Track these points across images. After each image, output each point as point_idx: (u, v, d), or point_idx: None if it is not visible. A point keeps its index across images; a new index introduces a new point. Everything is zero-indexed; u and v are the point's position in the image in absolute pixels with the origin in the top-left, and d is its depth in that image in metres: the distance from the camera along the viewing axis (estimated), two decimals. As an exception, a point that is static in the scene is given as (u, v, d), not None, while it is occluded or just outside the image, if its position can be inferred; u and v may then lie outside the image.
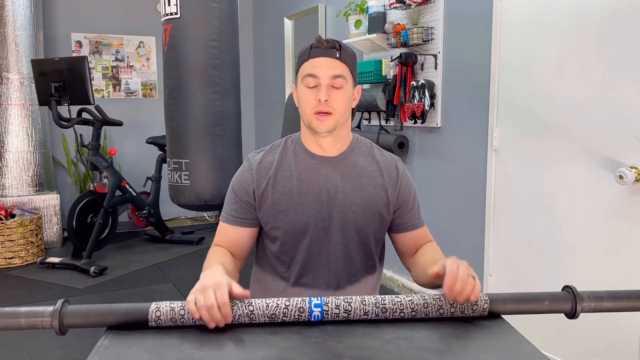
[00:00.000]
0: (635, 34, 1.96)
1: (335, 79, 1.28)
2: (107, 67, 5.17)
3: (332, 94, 1.28)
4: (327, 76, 1.27)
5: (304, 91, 1.30)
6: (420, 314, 1.06)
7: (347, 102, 1.32)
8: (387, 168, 1.40)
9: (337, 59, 1.29)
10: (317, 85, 1.28)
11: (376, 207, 1.37)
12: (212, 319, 0.99)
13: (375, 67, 3.34)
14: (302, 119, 1.35)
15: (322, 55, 1.29)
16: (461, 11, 2.85)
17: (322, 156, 1.37)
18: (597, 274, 2.15)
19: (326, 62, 1.28)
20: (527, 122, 2.44)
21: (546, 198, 2.36)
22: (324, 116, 1.29)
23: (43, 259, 4.00)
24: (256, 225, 1.39)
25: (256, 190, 1.36)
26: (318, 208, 1.34)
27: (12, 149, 4.34)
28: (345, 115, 1.33)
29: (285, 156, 1.39)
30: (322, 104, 1.27)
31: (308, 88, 1.29)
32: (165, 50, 2.82)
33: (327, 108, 1.28)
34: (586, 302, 1.05)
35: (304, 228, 1.35)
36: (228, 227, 1.39)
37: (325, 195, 1.34)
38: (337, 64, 1.29)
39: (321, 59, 1.28)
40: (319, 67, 1.28)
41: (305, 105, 1.30)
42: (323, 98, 1.27)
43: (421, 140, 3.22)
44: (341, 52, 1.30)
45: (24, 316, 0.99)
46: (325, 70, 1.28)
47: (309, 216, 1.34)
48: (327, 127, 1.30)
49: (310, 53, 1.30)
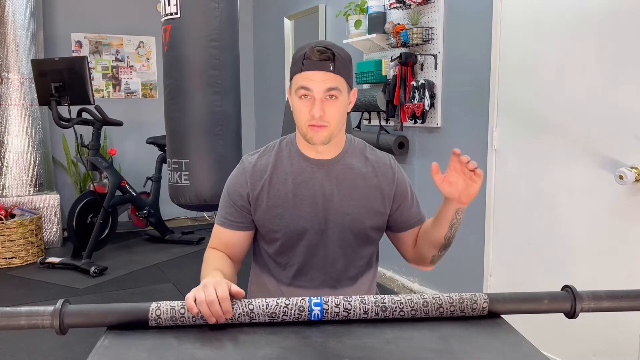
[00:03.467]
0: (635, 34, 1.96)
1: (330, 91, 1.24)
2: (107, 67, 5.17)
3: (326, 107, 1.25)
4: (320, 90, 1.24)
5: (297, 102, 1.27)
6: (420, 313, 1.06)
7: (342, 113, 1.29)
8: (381, 168, 1.40)
9: (330, 72, 1.24)
10: (311, 97, 1.25)
11: (372, 208, 1.37)
12: (213, 313, 1.00)
13: (375, 67, 3.34)
14: (297, 127, 1.33)
15: (315, 68, 1.23)
16: (461, 11, 2.85)
17: (316, 159, 1.36)
18: (596, 273, 2.15)
19: (319, 75, 1.23)
20: (527, 122, 2.44)
21: (546, 198, 2.36)
22: (319, 128, 1.26)
23: (43, 259, 4.00)
24: (252, 228, 1.39)
25: (251, 194, 1.36)
26: (314, 212, 1.34)
27: (12, 149, 4.34)
28: (340, 125, 1.30)
29: (280, 159, 1.38)
30: (316, 119, 1.25)
31: (301, 100, 1.26)
32: (165, 50, 2.82)
33: (321, 122, 1.25)
34: (586, 302, 1.05)
35: (301, 231, 1.35)
36: (223, 230, 1.39)
37: (320, 198, 1.34)
38: (330, 76, 1.24)
39: (315, 72, 1.23)
40: (312, 81, 1.24)
41: (300, 115, 1.28)
42: (317, 114, 1.24)
43: (421, 140, 3.22)
44: (335, 63, 1.24)
45: (24, 316, 0.99)
46: (318, 84, 1.23)
47: (305, 220, 1.34)
48: (322, 138, 1.28)
49: (303, 65, 1.25)
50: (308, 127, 1.27)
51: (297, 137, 1.39)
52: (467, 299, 1.07)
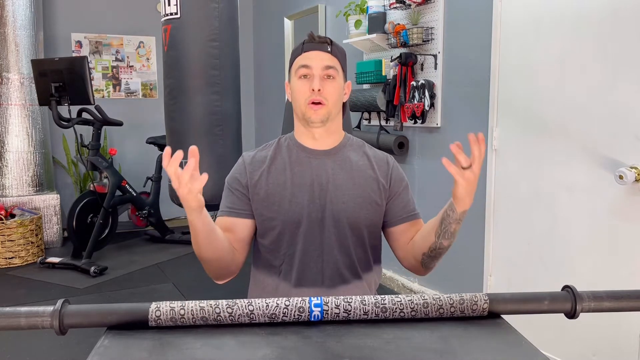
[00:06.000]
0: (635, 34, 1.96)
1: (328, 69, 1.35)
2: (107, 67, 5.17)
3: (324, 84, 1.35)
4: (319, 66, 1.35)
5: (297, 83, 1.37)
6: (420, 313, 1.06)
7: (339, 93, 1.39)
8: (378, 162, 1.45)
9: (328, 52, 1.37)
10: (310, 75, 1.35)
11: (368, 198, 1.39)
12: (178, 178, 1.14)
13: (375, 67, 3.34)
14: (295, 112, 1.40)
15: (315, 49, 1.37)
16: (461, 11, 2.85)
17: (315, 149, 1.41)
18: (597, 273, 2.15)
19: (318, 54, 1.36)
20: (527, 122, 2.45)
21: (546, 198, 2.36)
22: (318, 106, 1.35)
23: (43, 259, 4.00)
24: (251, 217, 1.41)
25: (249, 182, 1.40)
26: (311, 199, 1.37)
27: (12, 149, 4.34)
28: (337, 106, 1.39)
29: (279, 151, 1.44)
30: (315, 94, 1.34)
31: (301, 79, 1.36)
32: (165, 50, 2.82)
33: (320, 98, 1.34)
34: (586, 302, 1.05)
35: (299, 220, 1.37)
36: (225, 219, 1.41)
37: (317, 187, 1.38)
38: (328, 56, 1.37)
39: (314, 52, 1.36)
40: (311, 59, 1.36)
41: (299, 95, 1.36)
42: (316, 87, 1.33)
43: (421, 140, 3.22)
44: (332, 47, 1.38)
45: (24, 316, 0.99)
46: (317, 61, 1.35)
47: (302, 207, 1.37)
48: (321, 116, 1.35)
49: (303, 47, 1.38)
50: (307, 105, 1.35)
51: (296, 130, 1.45)
52: (468, 300, 1.07)
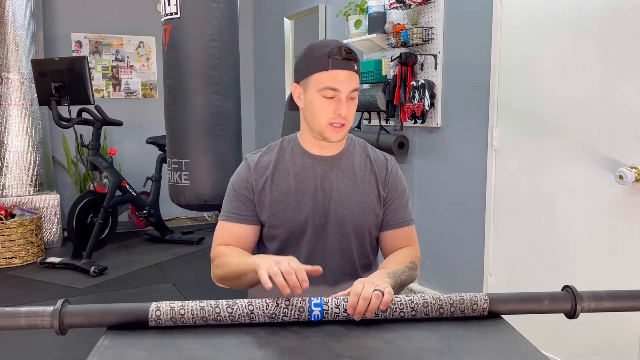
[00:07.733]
0: (635, 34, 1.96)
1: (353, 92, 1.30)
2: (107, 67, 5.17)
3: (348, 106, 1.30)
4: (347, 90, 1.28)
5: (320, 100, 1.30)
6: (420, 313, 1.06)
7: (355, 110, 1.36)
8: (378, 166, 1.44)
9: (354, 72, 1.30)
10: (337, 97, 1.28)
11: (370, 204, 1.40)
12: (289, 282, 1.03)
13: (375, 67, 3.34)
14: (311, 125, 1.35)
15: (343, 67, 1.28)
16: (461, 11, 2.85)
17: (319, 156, 1.39)
18: (597, 273, 2.15)
19: (347, 75, 1.28)
20: (527, 122, 2.44)
21: (546, 198, 2.36)
22: (340, 128, 1.31)
23: (43, 259, 4.00)
24: (258, 222, 1.40)
25: (255, 188, 1.38)
26: (315, 206, 1.36)
27: (12, 149, 4.34)
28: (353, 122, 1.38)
29: (282, 156, 1.41)
30: (340, 117, 1.29)
31: (325, 98, 1.29)
32: (165, 50, 2.82)
33: (343, 120, 1.31)
34: (586, 302, 1.05)
35: (303, 226, 1.37)
36: (230, 225, 1.39)
37: (321, 193, 1.37)
38: (355, 77, 1.30)
39: (342, 72, 1.27)
40: (341, 82, 1.27)
41: (321, 114, 1.30)
42: (344, 113, 1.28)
43: (421, 140, 3.22)
44: (356, 64, 1.31)
45: (24, 316, 0.99)
46: (346, 84, 1.28)
47: (306, 214, 1.36)
48: (341, 137, 1.34)
49: (330, 63, 1.27)
50: (328, 125, 1.31)
51: (301, 135, 1.42)
52: (468, 300, 1.07)
